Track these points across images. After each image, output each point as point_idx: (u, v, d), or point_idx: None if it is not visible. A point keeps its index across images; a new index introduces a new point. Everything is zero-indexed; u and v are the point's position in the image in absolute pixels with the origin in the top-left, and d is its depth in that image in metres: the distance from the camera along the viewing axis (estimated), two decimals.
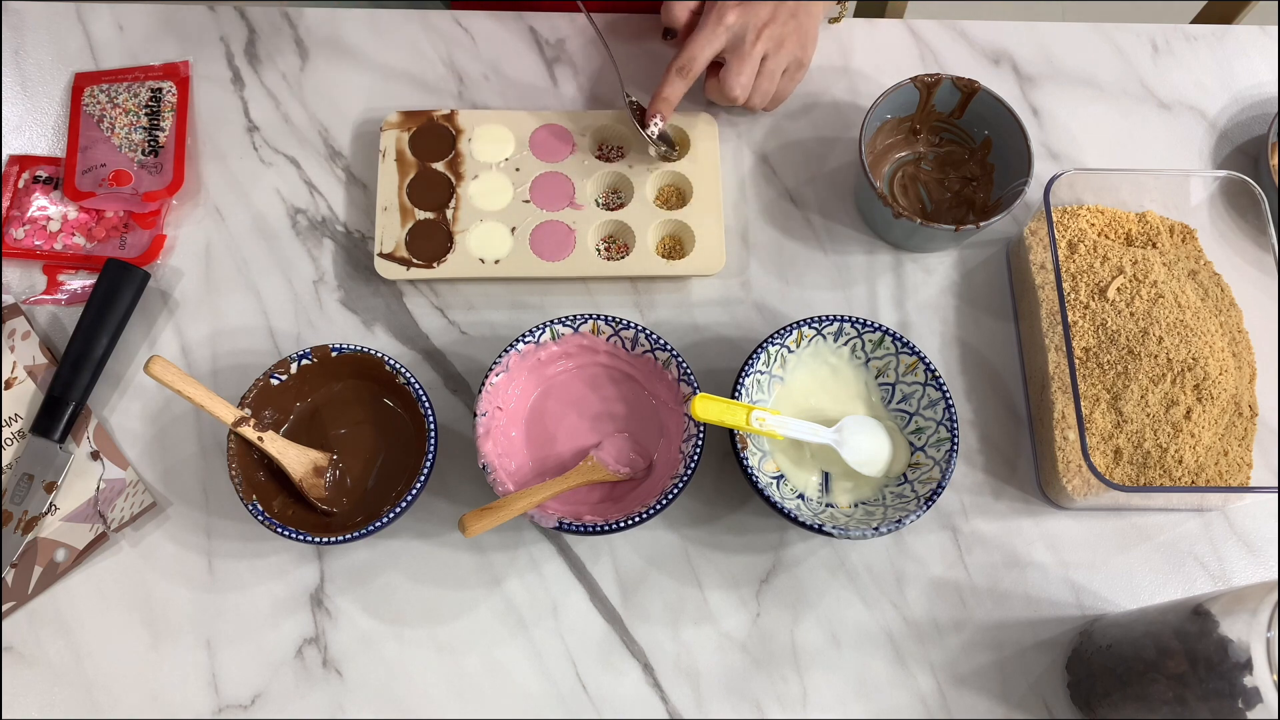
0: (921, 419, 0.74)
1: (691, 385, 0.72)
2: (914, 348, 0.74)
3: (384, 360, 0.72)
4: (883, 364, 0.76)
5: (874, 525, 0.69)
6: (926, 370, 0.74)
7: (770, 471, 0.74)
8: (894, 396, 0.76)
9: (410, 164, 0.82)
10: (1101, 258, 0.79)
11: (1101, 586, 0.75)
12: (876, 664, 0.72)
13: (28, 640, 0.71)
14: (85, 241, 0.81)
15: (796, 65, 0.81)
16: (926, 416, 0.74)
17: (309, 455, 0.73)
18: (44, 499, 0.73)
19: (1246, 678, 0.55)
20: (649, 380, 0.76)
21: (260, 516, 0.68)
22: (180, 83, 0.85)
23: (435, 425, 0.71)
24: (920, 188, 0.85)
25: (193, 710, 0.70)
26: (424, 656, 0.71)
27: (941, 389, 0.73)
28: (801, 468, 0.75)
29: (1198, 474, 0.74)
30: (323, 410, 0.75)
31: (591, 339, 0.75)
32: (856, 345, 0.76)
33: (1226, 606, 0.59)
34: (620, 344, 0.75)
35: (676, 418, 0.74)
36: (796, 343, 0.75)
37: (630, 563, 0.74)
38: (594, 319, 0.74)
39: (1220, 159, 0.88)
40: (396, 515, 0.69)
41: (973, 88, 0.81)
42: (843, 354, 0.76)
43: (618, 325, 0.74)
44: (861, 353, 0.76)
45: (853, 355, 0.76)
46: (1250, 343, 0.79)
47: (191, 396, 0.69)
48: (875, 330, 0.74)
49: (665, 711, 0.71)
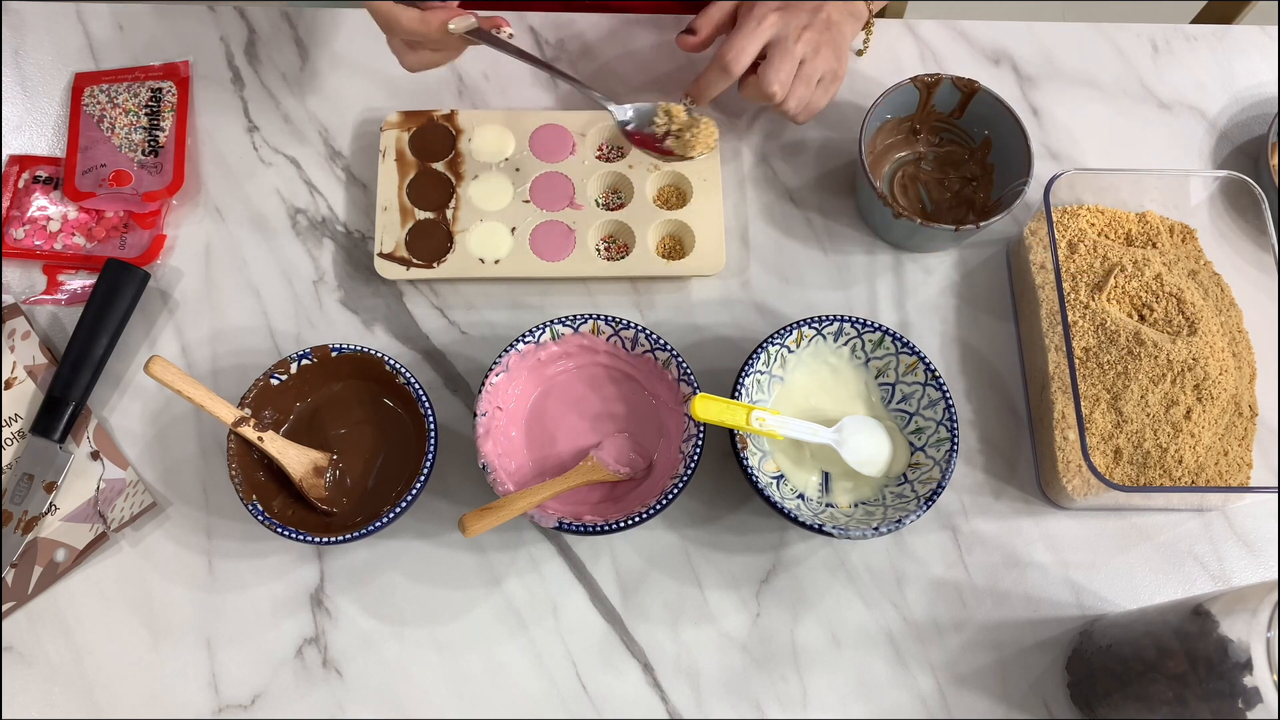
0: (921, 419, 0.74)
1: (691, 385, 0.72)
2: (914, 348, 0.74)
3: (384, 360, 0.72)
4: (883, 364, 0.76)
5: (874, 525, 0.69)
6: (926, 370, 0.74)
7: (770, 471, 0.74)
8: (894, 396, 0.76)
9: (410, 164, 0.82)
10: (1101, 258, 0.79)
11: (1101, 586, 0.75)
12: (876, 664, 0.72)
13: (28, 640, 0.71)
14: (85, 241, 0.81)
15: (831, 76, 0.80)
16: (926, 416, 0.74)
17: (309, 455, 0.73)
18: (44, 499, 0.73)
19: (1246, 678, 0.55)
20: (649, 380, 0.76)
21: (260, 516, 0.68)
22: (180, 83, 0.85)
23: (435, 425, 0.71)
24: (920, 188, 0.85)
25: (193, 710, 0.70)
26: (424, 656, 0.71)
27: (941, 389, 0.73)
28: (801, 468, 0.75)
29: (1198, 474, 0.74)
30: (323, 410, 0.75)
31: (591, 339, 0.75)
32: (856, 345, 0.76)
33: (1226, 606, 0.59)
34: (620, 344, 0.75)
35: (676, 418, 0.74)
36: (796, 343, 0.75)
37: (630, 563, 0.74)
38: (594, 319, 0.74)
39: (1220, 159, 0.88)
40: (396, 515, 0.69)
41: (973, 88, 0.81)
42: (843, 354, 0.76)
43: (618, 325, 0.74)
44: (861, 352, 0.76)
45: (853, 355, 0.76)
46: (1250, 343, 0.79)
47: (191, 396, 0.69)
48: (875, 330, 0.74)
49: (665, 711, 0.71)
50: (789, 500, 0.73)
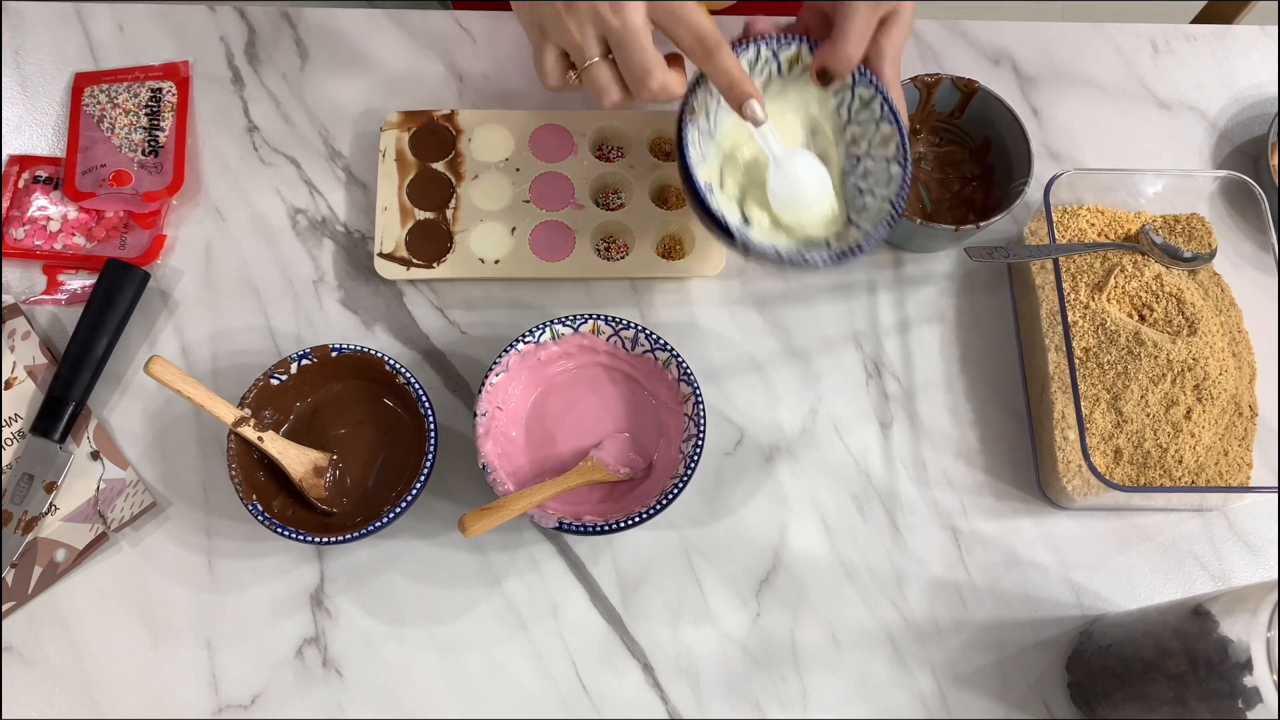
0: (873, 197, 0.70)
1: (692, 385, 0.72)
2: (898, 117, 0.67)
3: (384, 360, 0.72)
4: (860, 129, 0.70)
5: (832, 251, 0.65)
6: (900, 147, 0.68)
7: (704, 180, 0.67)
8: (856, 170, 0.71)
9: (410, 164, 0.82)
10: (1101, 257, 0.79)
11: (1101, 586, 0.75)
12: (876, 664, 0.72)
13: (28, 640, 0.71)
14: (85, 241, 0.81)
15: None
16: (879, 195, 0.69)
17: (309, 455, 0.73)
18: (44, 499, 0.73)
19: (1246, 678, 0.55)
20: (649, 380, 0.76)
21: (260, 516, 0.68)
22: (180, 83, 0.85)
23: (435, 425, 0.71)
24: (920, 188, 0.85)
25: (193, 710, 0.70)
26: (424, 656, 0.71)
27: (905, 166, 0.67)
28: (723, 190, 0.70)
29: (1198, 474, 0.74)
30: (323, 410, 0.75)
31: (591, 339, 0.75)
32: (846, 96, 0.69)
33: (1226, 606, 0.59)
34: (620, 344, 0.75)
35: (676, 418, 0.74)
36: (791, 63, 0.67)
37: (630, 563, 0.74)
38: (594, 319, 0.74)
39: (1220, 159, 0.88)
40: (396, 515, 0.69)
41: (973, 88, 0.81)
42: (829, 106, 0.70)
43: (618, 325, 0.74)
44: (846, 110, 0.69)
45: (835, 115, 0.70)
46: (1250, 343, 0.79)
47: (191, 396, 0.69)
48: (869, 85, 0.68)
49: (665, 711, 0.71)
50: (729, 211, 0.67)
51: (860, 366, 0.80)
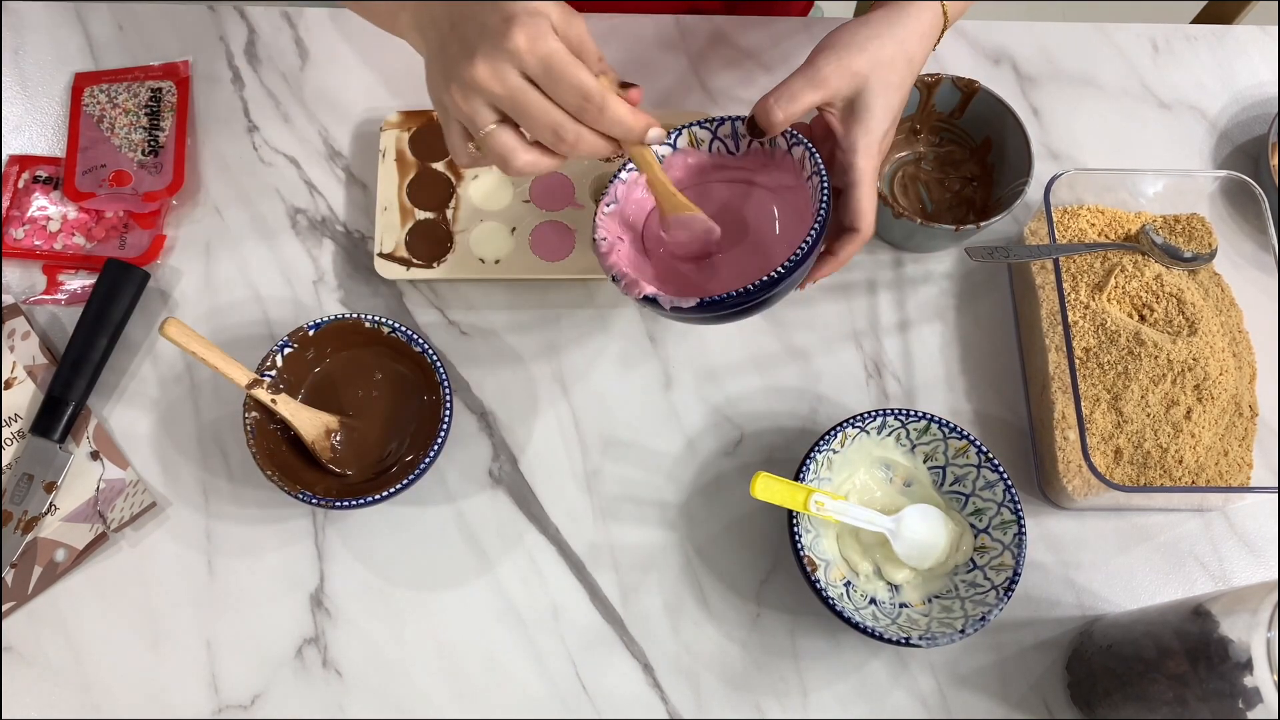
0: (980, 500, 0.73)
1: (805, 145, 0.65)
2: (962, 431, 0.72)
3: (396, 330, 0.73)
4: (929, 449, 0.74)
5: (959, 628, 0.67)
6: (979, 453, 0.72)
7: (821, 554, 0.72)
8: (945, 479, 0.74)
9: (410, 164, 0.82)
10: (1101, 257, 0.79)
11: (1101, 586, 0.75)
12: (876, 664, 0.72)
13: (28, 640, 0.71)
14: (85, 241, 0.81)
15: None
16: (985, 498, 0.72)
17: (321, 418, 0.73)
18: (44, 499, 0.73)
19: (1246, 678, 0.55)
20: (764, 173, 0.70)
21: (277, 483, 0.69)
22: (180, 83, 0.85)
23: (450, 393, 0.71)
24: (920, 188, 0.85)
25: (193, 710, 0.70)
26: (424, 657, 0.71)
27: (997, 470, 0.71)
28: (852, 553, 0.73)
29: (1198, 474, 0.74)
30: (336, 376, 0.76)
31: (694, 153, 0.70)
32: (901, 435, 0.74)
33: (1226, 606, 0.59)
34: (723, 148, 0.70)
35: (794, 196, 0.68)
36: (841, 444, 0.72)
37: (630, 563, 0.74)
38: (688, 128, 0.68)
39: (1220, 159, 0.88)
40: (411, 481, 0.69)
41: (973, 88, 0.81)
42: (888, 444, 0.74)
43: (714, 125, 0.68)
44: (907, 440, 0.74)
45: (897, 444, 0.74)
46: (1250, 343, 0.79)
47: (206, 358, 0.69)
48: (920, 420, 0.72)
49: (665, 711, 0.71)
50: (862, 609, 0.70)
51: (860, 366, 0.80)
